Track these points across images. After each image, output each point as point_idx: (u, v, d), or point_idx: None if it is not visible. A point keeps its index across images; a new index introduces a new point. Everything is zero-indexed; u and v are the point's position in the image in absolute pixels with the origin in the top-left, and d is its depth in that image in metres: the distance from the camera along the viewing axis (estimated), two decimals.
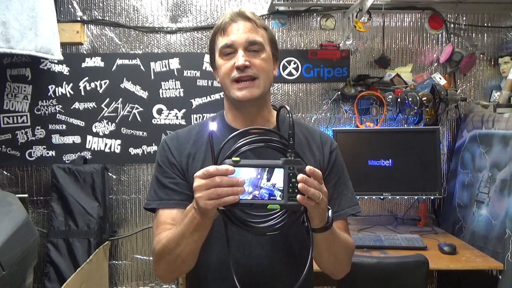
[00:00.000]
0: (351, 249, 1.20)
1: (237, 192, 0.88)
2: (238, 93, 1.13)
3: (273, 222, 0.94)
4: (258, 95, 1.15)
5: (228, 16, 1.16)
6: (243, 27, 1.14)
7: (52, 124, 2.69)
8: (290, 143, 0.93)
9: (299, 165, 0.90)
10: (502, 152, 2.24)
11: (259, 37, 1.15)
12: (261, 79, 1.15)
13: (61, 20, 2.63)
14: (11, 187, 2.70)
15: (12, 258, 1.70)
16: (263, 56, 1.16)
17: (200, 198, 0.91)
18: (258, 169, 0.89)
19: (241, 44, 1.13)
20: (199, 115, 2.74)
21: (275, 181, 0.89)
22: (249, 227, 0.94)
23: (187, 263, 1.09)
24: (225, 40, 1.14)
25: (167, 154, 1.21)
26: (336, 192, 1.22)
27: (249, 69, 1.13)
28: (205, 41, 2.76)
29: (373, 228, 2.62)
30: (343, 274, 1.22)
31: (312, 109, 2.80)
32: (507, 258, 2.06)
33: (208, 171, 0.90)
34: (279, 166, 0.90)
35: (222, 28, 1.16)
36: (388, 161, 2.53)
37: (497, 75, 2.79)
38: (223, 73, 1.16)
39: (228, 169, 0.89)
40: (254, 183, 0.89)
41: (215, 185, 0.89)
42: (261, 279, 1.15)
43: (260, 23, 1.18)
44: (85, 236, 2.53)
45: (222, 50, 1.15)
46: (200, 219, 0.97)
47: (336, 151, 1.25)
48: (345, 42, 2.77)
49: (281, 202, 0.89)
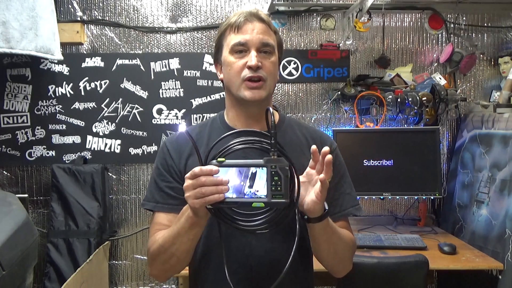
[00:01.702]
0: (352, 246, 1.21)
1: (221, 190, 0.92)
2: (247, 92, 1.14)
3: (262, 221, 0.97)
4: (265, 97, 1.16)
5: (243, 15, 1.16)
6: (258, 28, 1.15)
7: (52, 124, 2.69)
8: (272, 142, 0.95)
9: (281, 163, 0.93)
10: (502, 152, 2.24)
11: (271, 40, 1.17)
12: (268, 82, 1.16)
13: (61, 20, 2.63)
14: (11, 187, 2.70)
15: (12, 258, 1.70)
16: (273, 59, 1.17)
17: (188, 197, 0.96)
18: (241, 176, 0.94)
19: (254, 44, 1.14)
20: (199, 115, 2.74)
21: (257, 188, 0.93)
22: (238, 225, 0.98)
23: (181, 262, 1.12)
24: (239, 38, 1.15)
25: (165, 157, 1.22)
26: (338, 193, 1.23)
27: (260, 69, 1.14)
28: (205, 41, 2.76)
29: (373, 228, 2.62)
30: (345, 272, 1.22)
31: (312, 109, 2.80)
32: (507, 258, 2.06)
33: (194, 171, 0.94)
34: (261, 165, 0.93)
35: (236, 25, 1.16)
36: (388, 161, 2.53)
37: (497, 75, 2.79)
38: (233, 71, 1.16)
39: (212, 170, 0.93)
40: (238, 189, 0.94)
41: (199, 185, 0.93)
42: (261, 278, 1.15)
43: (273, 27, 1.20)
44: (85, 236, 2.53)
45: (234, 47, 1.15)
46: (194, 218, 1.01)
47: (336, 152, 1.25)
48: (345, 42, 2.77)
49: (265, 200, 0.93)
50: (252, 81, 1.14)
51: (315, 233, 1.08)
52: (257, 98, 1.14)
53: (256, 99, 1.14)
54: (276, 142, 0.95)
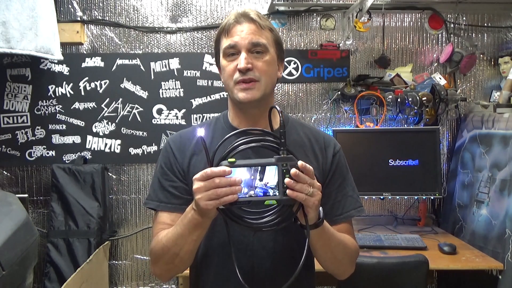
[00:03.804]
0: (352, 250, 1.20)
1: (235, 191, 0.93)
2: (240, 94, 1.14)
3: (269, 218, 0.97)
4: (259, 97, 1.15)
5: (232, 18, 1.16)
6: (247, 29, 1.14)
7: (52, 124, 2.69)
8: (282, 141, 0.96)
9: (292, 161, 0.95)
10: (502, 152, 2.24)
11: (262, 39, 1.15)
12: (263, 82, 1.15)
13: (61, 20, 2.63)
14: (11, 187, 2.70)
15: (12, 258, 1.70)
16: (266, 58, 1.16)
17: (200, 200, 0.95)
18: (251, 170, 0.94)
19: (244, 46, 1.13)
20: (199, 115, 2.74)
21: (268, 180, 0.94)
22: (248, 223, 0.98)
23: (184, 262, 1.12)
24: (229, 41, 1.15)
25: (169, 156, 1.22)
26: (341, 195, 1.23)
27: (251, 71, 1.13)
28: (205, 41, 2.76)
29: (373, 228, 2.62)
30: (347, 275, 1.22)
31: (312, 109, 2.80)
32: (507, 258, 2.06)
33: (206, 173, 0.94)
34: (272, 164, 0.94)
35: (226, 29, 1.16)
36: (388, 161, 2.53)
37: (497, 75, 2.79)
38: (226, 74, 1.16)
39: (225, 170, 0.93)
40: (249, 183, 0.94)
41: (214, 186, 0.93)
42: (263, 280, 1.15)
43: (265, 24, 1.18)
44: (85, 236, 2.53)
45: (225, 51, 1.16)
46: (199, 219, 1.00)
47: (339, 154, 1.26)
48: (345, 42, 2.77)
49: (277, 198, 0.94)
50: (244, 83, 1.14)
51: (312, 239, 1.06)
52: (250, 99, 1.14)
53: (249, 99, 1.14)
54: (285, 140, 0.96)
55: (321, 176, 1.20)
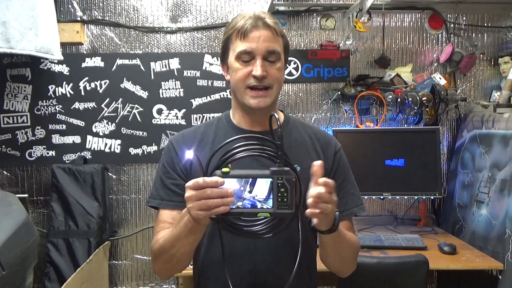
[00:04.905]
0: (356, 248, 1.22)
1: (227, 203, 0.91)
2: (252, 101, 1.15)
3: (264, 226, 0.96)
4: (270, 104, 1.17)
5: (250, 22, 1.14)
6: (264, 35, 1.14)
7: (52, 124, 2.69)
8: (279, 154, 0.94)
9: (288, 175, 0.92)
10: (502, 152, 2.24)
11: (277, 47, 1.16)
12: (274, 88, 1.17)
13: (61, 20, 2.63)
14: (11, 187, 2.70)
15: (12, 258, 1.70)
16: (279, 65, 1.17)
17: (191, 208, 0.94)
18: (242, 181, 0.92)
19: (260, 53, 1.14)
20: (199, 115, 2.74)
21: (257, 193, 0.92)
22: (241, 232, 0.97)
23: (182, 262, 1.13)
24: (245, 46, 1.14)
25: (171, 154, 1.23)
26: (342, 192, 1.24)
27: (265, 79, 1.14)
28: (205, 41, 2.76)
29: (373, 228, 2.62)
30: (350, 272, 1.24)
31: (312, 109, 2.80)
32: (507, 258, 2.06)
33: (198, 182, 0.92)
34: (267, 176, 0.92)
35: (242, 32, 1.14)
36: (388, 161, 2.52)
37: (497, 75, 2.78)
38: (238, 78, 1.16)
39: (217, 181, 0.91)
40: (237, 194, 0.92)
41: (205, 197, 0.92)
42: (265, 282, 1.16)
43: (279, 31, 1.18)
44: (85, 236, 2.53)
45: (240, 55, 1.15)
46: (194, 224, 1.00)
47: (340, 152, 1.27)
48: (345, 42, 2.77)
49: (271, 211, 0.93)
50: (257, 90, 1.14)
51: (324, 242, 1.10)
52: (262, 106, 1.15)
53: (261, 107, 1.15)
54: (283, 152, 0.95)
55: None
